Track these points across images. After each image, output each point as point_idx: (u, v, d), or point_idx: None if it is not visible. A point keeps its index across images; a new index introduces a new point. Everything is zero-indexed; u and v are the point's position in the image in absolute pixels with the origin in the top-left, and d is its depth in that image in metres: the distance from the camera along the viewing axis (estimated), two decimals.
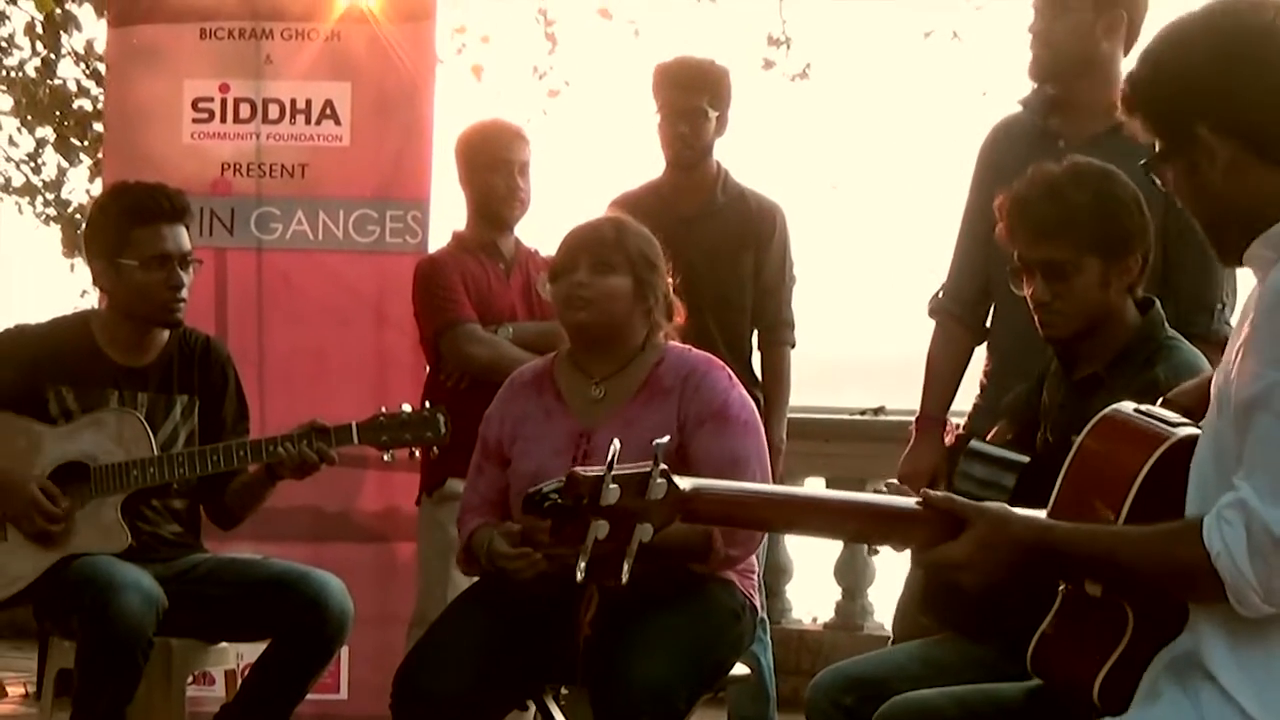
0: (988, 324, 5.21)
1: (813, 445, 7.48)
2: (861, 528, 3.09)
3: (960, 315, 5.20)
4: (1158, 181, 2.98)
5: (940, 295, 5.25)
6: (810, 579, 8.03)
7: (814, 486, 7.65)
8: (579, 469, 2.82)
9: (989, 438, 4.19)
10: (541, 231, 5.96)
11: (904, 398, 7.86)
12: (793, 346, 6.01)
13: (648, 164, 6.00)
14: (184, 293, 5.11)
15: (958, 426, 5.16)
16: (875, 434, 7.54)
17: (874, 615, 7.67)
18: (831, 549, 7.70)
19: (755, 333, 5.99)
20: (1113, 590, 2.90)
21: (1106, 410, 3.08)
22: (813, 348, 6.11)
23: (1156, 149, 2.91)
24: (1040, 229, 3.95)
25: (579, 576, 2.82)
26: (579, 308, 4.66)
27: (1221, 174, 2.81)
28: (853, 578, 7.65)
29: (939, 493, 2.96)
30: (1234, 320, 4.86)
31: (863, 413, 7.77)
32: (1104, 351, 3.99)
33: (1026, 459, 3.86)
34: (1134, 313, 4.01)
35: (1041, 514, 3.01)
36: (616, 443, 2.88)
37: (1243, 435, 2.70)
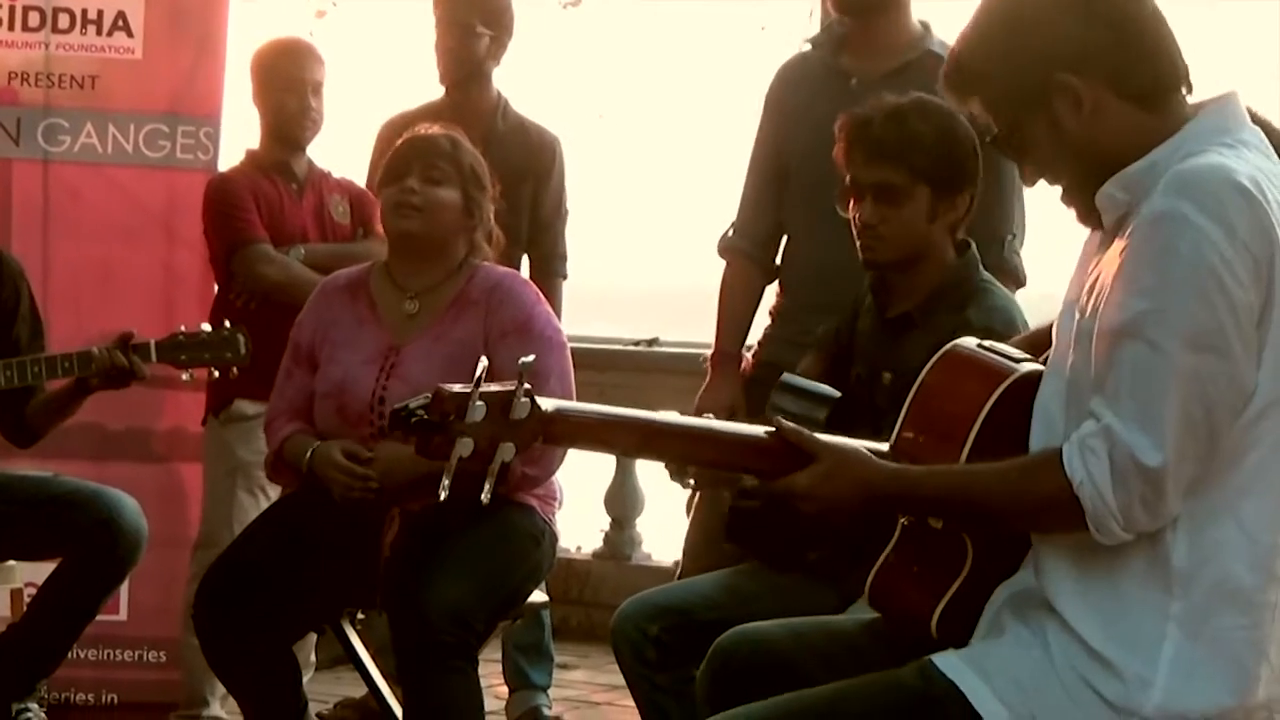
0: (777, 261, 5.29)
1: (587, 375, 7.39)
2: (714, 455, 3.13)
3: (751, 253, 5.26)
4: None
5: (730, 234, 5.31)
6: (576, 508, 8.07)
7: None
8: (445, 386, 2.83)
9: (799, 370, 4.25)
10: (312, 150, 5.91)
11: (678, 329, 7.92)
12: (564, 279, 6.02)
13: (415, 90, 5.98)
14: None
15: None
16: (649, 365, 7.57)
17: (642, 546, 7.73)
18: (601, 478, 7.75)
19: (529, 264, 5.99)
20: (965, 528, 2.96)
21: (949, 345, 3.13)
22: (585, 279, 6.13)
23: (1007, 118, 2.93)
24: (878, 150, 4.02)
25: (442, 495, 2.83)
26: (406, 215, 4.66)
27: (1087, 118, 2.84)
28: (622, 508, 7.70)
29: (792, 425, 3.01)
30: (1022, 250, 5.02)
31: (636, 343, 7.79)
32: (918, 291, 4.06)
33: (838, 394, 3.92)
34: (952, 254, 4.10)
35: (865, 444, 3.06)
36: (484, 360, 2.89)
37: (1107, 363, 2.75)
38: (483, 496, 2.86)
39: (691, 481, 4.08)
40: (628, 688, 4.20)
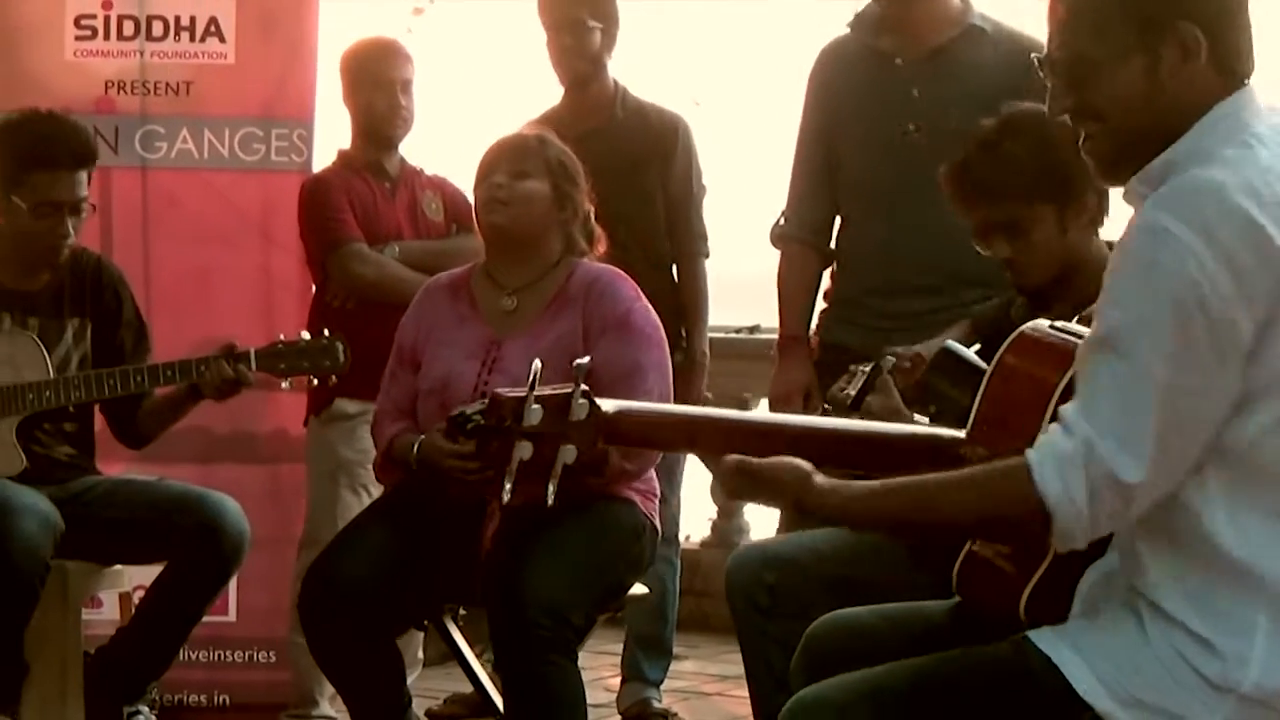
0: (833, 244, 5.31)
1: None
2: (781, 449, 3.11)
3: (806, 239, 5.28)
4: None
5: (783, 223, 5.31)
6: (686, 498, 8.06)
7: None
8: (501, 390, 2.83)
9: (952, 336, 4.20)
10: (409, 147, 5.94)
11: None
12: (706, 258, 6.00)
13: (513, 83, 6.00)
14: (70, 240, 5.05)
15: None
16: (751, 352, 7.56)
17: (749, 534, 7.73)
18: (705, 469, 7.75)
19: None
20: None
21: (1023, 327, 3.10)
22: None
23: (1096, 44, 2.84)
24: (986, 191, 3.91)
25: (505, 498, 2.83)
26: (494, 209, 4.71)
27: (1185, 74, 2.79)
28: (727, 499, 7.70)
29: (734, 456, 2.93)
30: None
31: (738, 331, 7.79)
32: (1076, 298, 3.96)
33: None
34: (1105, 251, 3.94)
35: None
36: (537, 363, 2.88)
37: (1084, 373, 2.72)
38: (548, 500, 2.86)
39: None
40: (736, 634, 4.20)
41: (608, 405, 2.88)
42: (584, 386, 2.84)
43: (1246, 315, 2.65)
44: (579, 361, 2.89)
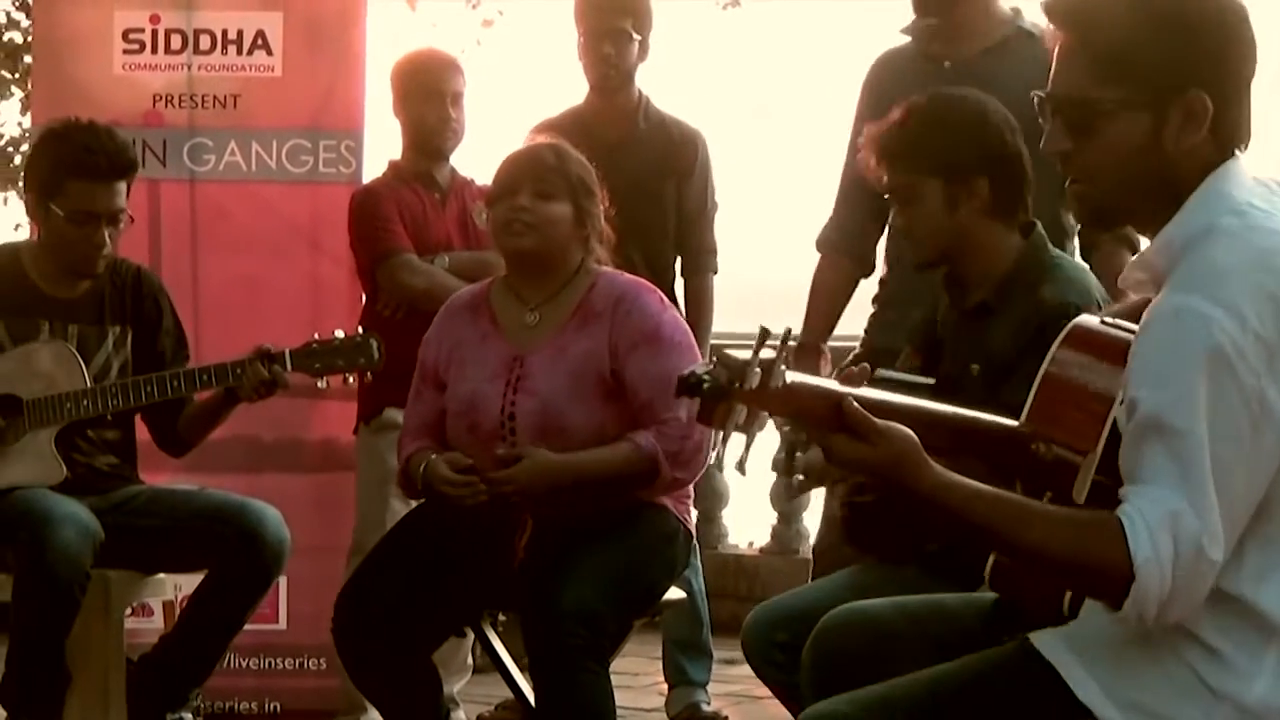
0: (875, 254, 5.29)
1: None
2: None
3: (843, 246, 5.28)
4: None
5: (825, 227, 5.32)
6: (746, 505, 8.06)
7: None
8: (729, 352, 2.74)
9: (898, 365, 4.22)
10: (476, 161, 5.97)
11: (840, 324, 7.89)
12: (715, 273, 6.04)
13: (580, 94, 6.01)
14: (106, 249, 5.09)
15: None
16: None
17: (809, 540, 7.71)
18: (766, 475, 7.75)
19: (678, 260, 6.02)
20: (1000, 553, 2.90)
21: (1072, 323, 3.05)
22: (744, 273, 6.13)
23: (1103, 97, 2.80)
24: (884, 155, 4.04)
25: (712, 458, 2.73)
26: (520, 234, 4.67)
27: (1188, 141, 2.76)
28: (786, 503, 7.69)
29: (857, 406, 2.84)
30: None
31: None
32: (989, 278, 4.03)
33: (931, 380, 3.88)
34: (1013, 238, 4.04)
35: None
36: (764, 324, 2.83)
37: (1148, 453, 2.66)
38: (744, 471, 2.79)
39: (800, 477, 4.03)
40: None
41: (791, 376, 2.77)
42: (786, 354, 2.75)
43: (1277, 390, 2.62)
44: (789, 328, 2.83)
